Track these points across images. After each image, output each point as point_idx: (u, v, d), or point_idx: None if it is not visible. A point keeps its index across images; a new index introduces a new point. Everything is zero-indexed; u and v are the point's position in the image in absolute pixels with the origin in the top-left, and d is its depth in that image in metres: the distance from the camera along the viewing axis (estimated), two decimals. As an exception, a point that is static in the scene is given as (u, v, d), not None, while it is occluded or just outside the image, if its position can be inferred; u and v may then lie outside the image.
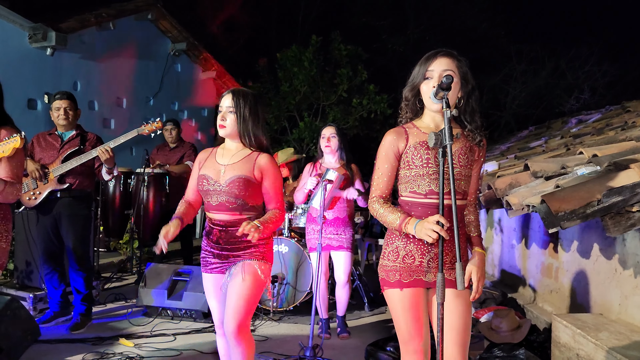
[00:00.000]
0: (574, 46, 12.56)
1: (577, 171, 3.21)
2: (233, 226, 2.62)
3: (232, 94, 2.66)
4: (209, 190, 2.64)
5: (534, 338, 3.88)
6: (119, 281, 6.21)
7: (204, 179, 2.66)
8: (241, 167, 2.64)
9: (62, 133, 4.45)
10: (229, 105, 2.63)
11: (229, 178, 2.62)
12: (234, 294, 2.59)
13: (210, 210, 2.68)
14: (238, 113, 2.62)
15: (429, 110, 2.24)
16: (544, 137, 7.07)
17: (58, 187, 4.28)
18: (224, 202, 2.62)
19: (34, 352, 3.80)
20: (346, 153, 4.39)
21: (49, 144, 4.41)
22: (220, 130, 2.67)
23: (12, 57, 6.92)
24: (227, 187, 2.61)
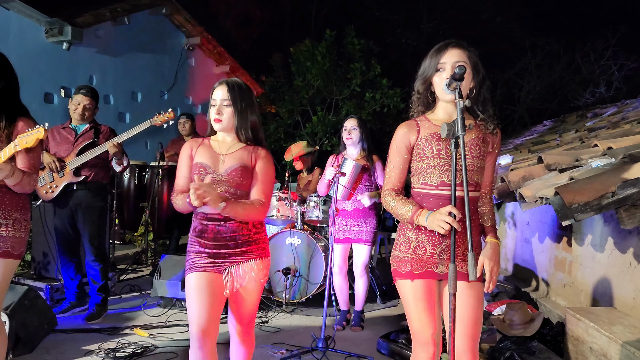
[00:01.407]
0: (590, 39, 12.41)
1: (592, 163, 3.19)
2: (230, 220, 2.44)
3: (226, 85, 2.48)
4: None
5: (546, 331, 3.86)
6: (134, 273, 6.28)
7: (201, 168, 2.45)
8: (241, 155, 2.49)
9: (76, 126, 4.50)
10: (224, 97, 2.45)
11: (229, 167, 2.46)
12: (247, 301, 2.53)
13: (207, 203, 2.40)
14: (235, 106, 2.46)
15: (441, 102, 2.24)
16: (558, 131, 7.02)
17: (74, 180, 4.33)
18: (224, 193, 2.42)
19: (51, 342, 3.86)
20: (368, 144, 4.43)
21: (63, 138, 4.47)
22: (215, 125, 2.49)
23: (29, 51, 7.00)
24: (227, 176, 2.44)
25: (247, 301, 2.54)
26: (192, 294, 2.42)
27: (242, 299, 2.53)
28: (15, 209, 2.59)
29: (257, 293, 2.56)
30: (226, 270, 2.48)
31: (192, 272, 2.45)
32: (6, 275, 2.56)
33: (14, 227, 2.56)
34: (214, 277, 2.45)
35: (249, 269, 2.49)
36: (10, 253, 2.54)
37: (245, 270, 2.49)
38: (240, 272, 2.48)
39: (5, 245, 2.52)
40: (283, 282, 5.01)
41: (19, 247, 2.59)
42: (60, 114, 7.28)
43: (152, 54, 9.18)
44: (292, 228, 5.22)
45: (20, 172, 2.48)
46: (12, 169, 2.43)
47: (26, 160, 2.57)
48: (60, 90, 7.55)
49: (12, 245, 2.54)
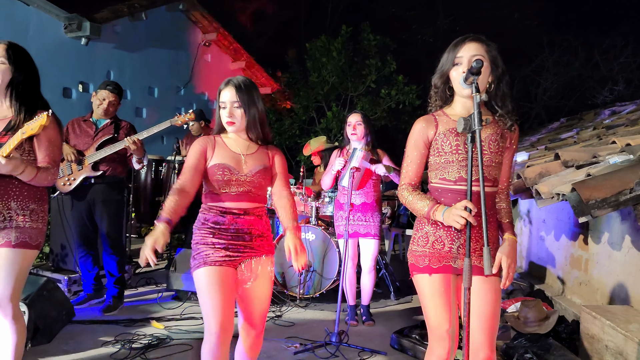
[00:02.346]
0: (608, 36, 12.25)
1: (610, 160, 3.16)
2: (249, 214, 2.50)
3: (234, 87, 2.49)
4: (231, 180, 2.46)
5: (561, 329, 3.85)
6: (149, 266, 6.32)
7: (225, 169, 2.45)
8: (261, 157, 2.56)
9: (97, 120, 4.55)
10: (234, 99, 2.48)
11: (254, 167, 2.51)
12: (259, 300, 2.53)
13: (227, 201, 2.47)
14: (244, 107, 2.49)
15: (459, 97, 2.23)
16: (575, 129, 6.95)
17: (92, 174, 4.38)
18: (246, 192, 2.48)
19: (69, 332, 3.92)
20: (372, 139, 4.41)
21: (83, 131, 4.52)
22: (229, 127, 2.51)
23: (48, 46, 7.09)
24: (252, 177, 2.49)
25: (261, 298, 2.54)
26: (211, 289, 2.36)
27: (255, 296, 2.52)
28: (33, 200, 2.62)
29: (270, 289, 2.57)
30: (241, 265, 2.49)
31: (206, 266, 2.39)
32: (25, 265, 2.60)
33: (31, 218, 2.59)
34: (230, 272, 2.43)
35: (260, 265, 2.52)
36: (27, 243, 2.57)
37: (256, 265, 2.52)
38: (252, 266, 2.51)
39: (22, 236, 2.56)
40: (297, 277, 5.03)
41: (36, 238, 2.61)
42: (78, 108, 7.36)
43: (168, 49, 9.25)
44: (306, 223, 5.24)
45: (34, 168, 2.48)
46: (20, 165, 2.41)
47: (46, 154, 2.59)
48: (79, 85, 7.64)
49: (29, 235, 2.58)
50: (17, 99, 2.60)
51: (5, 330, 2.59)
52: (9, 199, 2.56)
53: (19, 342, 2.62)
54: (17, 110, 2.58)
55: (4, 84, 2.60)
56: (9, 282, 2.53)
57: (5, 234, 2.54)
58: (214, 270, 2.39)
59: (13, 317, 2.57)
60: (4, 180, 2.54)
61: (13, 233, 2.54)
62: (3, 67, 2.58)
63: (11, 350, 2.59)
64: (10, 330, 2.58)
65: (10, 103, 2.61)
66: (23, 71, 2.62)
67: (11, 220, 2.55)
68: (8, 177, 2.52)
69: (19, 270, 2.56)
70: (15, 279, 2.55)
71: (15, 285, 2.56)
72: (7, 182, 2.55)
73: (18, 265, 2.56)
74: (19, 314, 2.62)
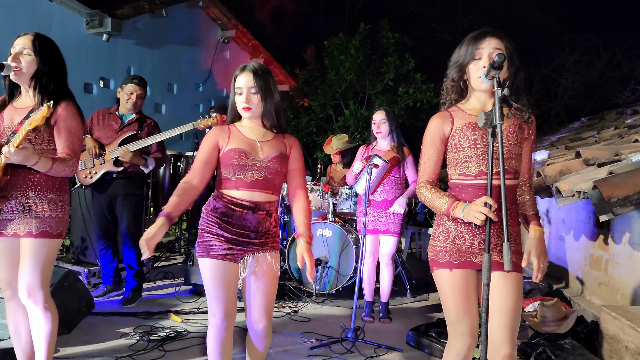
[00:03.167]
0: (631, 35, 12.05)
1: (632, 158, 3.12)
2: (261, 209, 2.47)
3: (251, 72, 2.47)
4: (247, 165, 2.43)
5: (580, 329, 3.80)
6: (167, 260, 6.41)
7: (241, 153, 2.44)
8: (277, 144, 2.53)
9: (123, 115, 4.59)
10: (251, 85, 2.46)
11: (270, 154, 2.48)
12: (262, 294, 2.52)
13: (241, 188, 2.44)
14: (261, 92, 2.47)
15: (475, 91, 2.22)
16: (596, 128, 6.86)
17: (113, 170, 4.43)
18: (261, 179, 2.45)
19: (88, 323, 3.98)
20: (397, 136, 4.43)
21: (108, 124, 4.56)
22: (245, 113, 2.48)
23: (70, 42, 7.17)
24: (268, 163, 2.46)
25: (263, 292, 2.52)
26: (215, 282, 2.44)
27: (258, 290, 2.52)
28: (51, 190, 2.64)
29: (272, 284, 2.53)
30: (242, 259, 2.49)
31: (210, 259, 2.44)
32: (49, 254, 2.64)
33: (50, 207, 2.62)
34: (231, 267, 2.46)
35: (263, 261, 2.51)
36: (49, 233, 2.61)
37: (258, 261, 2.50)
38: (255, 262, 2.50)
39: (43, 226, 2.59)
40: (314, 273, 5.03)
41: (57, 227, 2.64)
42: (99, 103, 7.43)
43: (188, 46, 9.30)
44: (323, 219, 5.25)
45: (49, 159, 2.49)
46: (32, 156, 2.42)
47: (65, 145, 2.61)
48: (100, 80, 7.72)
49: (49, 225, 2.61)
50: (40, 90, 2.64)
51: (38, 319, 2.63)
52: (27, 189, 2.59)
53: (53, 331, 2.66)
54: (39, 101, 2.62)
55: (29, 74, 2.64)
56: (36, 271, 2.58)
57: (27, 224, 2.58)
58: (216, 264, 2.43)
59: (44, 304, 2.62)
60: (23, 171, 2.58)
61: (33, 223, 2.58)
62: (29, 59, 2.62)
63: (45, 338, 2.64)
64: (44, 318, 2.63)
65: (34, 93, 2.65)
66: (48, 63, 2.66)
67: (30, 210, 2.59)
68: (27, 168, 2.55)
69: (44, 260, 2.60)
70: (42, 267, 2.59)
71: (43, 273, 2.60)
72: (25, 172, 2.59)
73: (43, 255, 2.60)
74: (50, 302, 2.66)
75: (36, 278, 2.58)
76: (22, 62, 2.61)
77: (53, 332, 2.66)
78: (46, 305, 2.63)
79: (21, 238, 2.59)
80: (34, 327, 2.65)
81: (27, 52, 2.62)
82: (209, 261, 2.44)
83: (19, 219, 2.58)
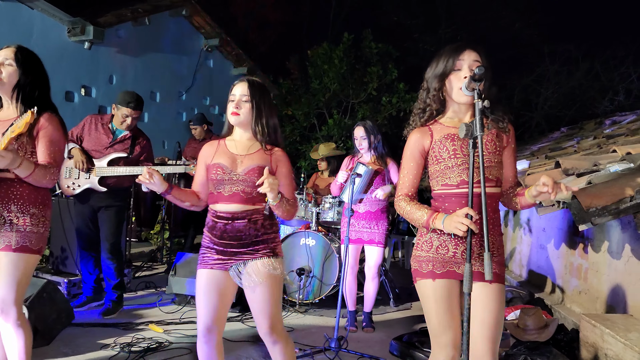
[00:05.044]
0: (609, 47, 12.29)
1: (610, 168, 3.17)
2: (241, 218, 2.50)
3: (247, 82, 2.54)
4: (224, 179, 2.50)
5: (561, 337, 3.84)
6: (149, 270, 6.35)
7: (218, 168, 2.51)
8: (259, 157, 2.54)
9: (117, 129, 4.51)
10: (244, 93, 2.51)
11: (247, 167, 2.50)
12: (256, 300, 2.51)
13: (220, 202, 2.52)
14: (253, 102, 2.51)
15: (454, 103, 2.24)
16: (576, 138, 6.96)
17: (97, 188, 4.37)
18: (239, 192, 2.49)
19: (68, 335, 3.92)
20: (379, 148, 4.43)
21: (99, 137, 4.47)
22: (232, 118, 2.53)
23: (52, 50, 7.11)
24: (245, 176, 2.49)
25: (258, 299, 2.51)
26: (200, 291, 2.53)
27: (253, 297, 2.52)
28: (34, 204, 2.60)
29: (269, 290, 2.51)
30: (232, 267, 2.52)
31: (201, 268, 2.55)
32: (27, 270, 2.58)
33: (31, 222, 2.57)
34: (220, 275, 2.52)
35: (254, 267, 2.50)
36: (28, 248, 2.56)
37: (250, 268, 2.50)
38: (245, 270, 2.50)
39: (23, 240, 2.54)
40: (297, 282, 5.03)
41: (37, 243, 2.59)
42: (80, 112, 7.37)
43: (171, 54, 9.28)
44: (307, 229, 5.24)
45: (32, 164, 2.45)
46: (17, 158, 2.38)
47: (46, 154, 2.57)
48: (81, 89, 7.66)
49: (30, 240, 2.56)
50: (22, 101, 2.61)
51: (11, 335, 2.58)
52: (9, 202, 2.55)
53: (26, 346, 2.61)
54: (21, 112, 2.59)
55: (11, 85, 2.62)
56: (11, 286, 2.53)
57: (6, 238, 2.53)
58: (204, 272, 2.53)
59: (17, 321, 2.57)
60: (5, 183, 2.54)
61: (14, 237, 2.53)
62: (10, 69, 2.60)
63: (18, 355, 2.59)
64: (16, 334, 2.58)
65: (17, 105, 2.63)
66: (31, 74, 2.64)
67: (12, 223, 2.54)
68: (9, 180, 2.53)
69: (20, 275, 2.55)
70: (17, 283, 2.54)
71: (18, 289, 2.55)
72: (8, 184, 2.55)
73: (20, 270, 2.54)
74: (22, 318, 2.61)
75: (10, 294, 2.52)
76: (3, 73, 2.59)
77: (27, 348, 2.60)
78: (18, 322, 2.57)
79: None
80: (6, 343, 2.60)
81: (8, 62, 2.60)
82: (199, 271, 2.55)
83: None
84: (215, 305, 2.51)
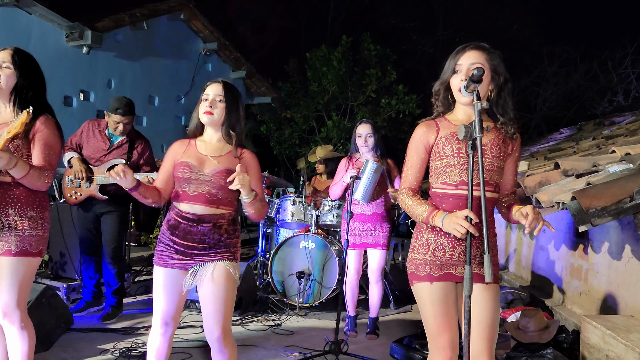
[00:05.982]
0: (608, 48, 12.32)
1: (609, 169, 3.16)
2: (206, 222, 2.50)
3: (222, 83, 2.59)
4: (190, 178, 2.51)
5: (562, 339, 3.83)
6: (149, 274, 6.32)
7: (186, 166, 2.52)
8: (228, 160, 2.55)
9: (113, 135, 4.49)
10: (219, 93, 2.55)
11: (215, 169, 2.51)
12: (213, 301, 2.49)
13: (184, 201, 2.52)
14: (228, 103, 2.55)
15: (460, 104, 2.24)
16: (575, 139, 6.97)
17: (99, 197, 4.36)
18: (204, 193, 2.50)
19: (67, 340, 3.90)
20: (381, 148, 4.38)
21: (96, 144, 4.45)
22: (205, 117, 2.55)
23: (50, 55, 7.12)
24: (212, 177, 2.50)
25: (215, 299, 2.49)
26: (159, 288, 2.55)
27: (208, 298, 2.51)
28: (31, 207, 2.59)
29: (226, 294, 2.50)
30: (192, 268, 2.53)
31: (159, 266, 2.55)
32: (28, 273, 2.58)
33: (30, 225, 2.57)
34: (179, 274, 2.54)
35: (213, 268, 2.50)
36: (28, 251, 2.56)
37: (209, 268, 2.51)
38: (203, 272, 2.51)
39: (22, 244, 2.54)
40: (297, 286, 5.01)
41: (37, 246, 2.59)
42: (79, 116, 7.38)
43: (169, 58, 9.29)
44: (306, 232, 5.23)
45: (27, 165, 2.45)
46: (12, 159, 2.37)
47: (42, 157, 2.56)
48: (80, 93, 7.66)
49: (29, 243, 2.56)
50: (20, 104, 2.60)
51: (15, 338, 2.58)
52: (6, 206, 2.54)
53: (30, 350, 2.61)
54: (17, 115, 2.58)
55: (9, 88, 2.60)
56: (13, 291, 2.53)
57: (5, 242, 2.52)
58: (162, 272, 2.55)
59: (21, 324, 2.57)
60: (2, 187, 2.54)
61: (13, 241, 2.53)
62: (8, 72, 2.59)
63: (21, 358, 2.58)
64: (20, 338, 2.58)
65: (13, 108, 2.62)
66: (28, 77, 2.63)
67: (10, 227, 2.54)
68: (6, 184, 2.52)
69: (22, 279, 2.55)
70: (19, 287, 2.54)
71: (20, 293, 2.55)
72: (5, 188, 2.54)
73: (21, 274, 2.55)
74: (27, 322, 2.61)
75: (13, 298, 2.53)
76: (1, 76, 2.58)
77: (30, 351, 2.61)
78: (22, 324, 2.58)
79: None
80: (10, 346, 2.60)
81: (6, 65, 2.59)
82: (157, 268, 2.56)
83: None
84: (175, 303, 2.55)
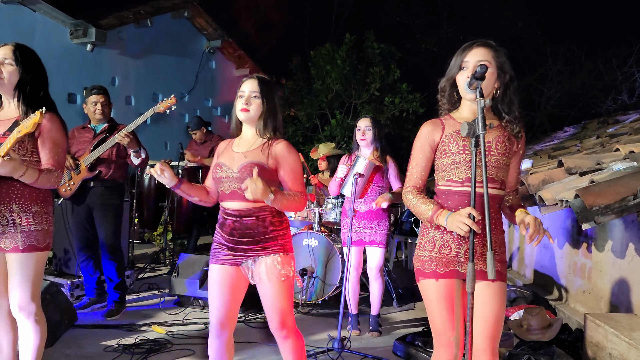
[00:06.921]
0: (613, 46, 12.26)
1: (613, 167, 3.16)
2: (248, 216, 2.50)
3: (257, 79, 2.56)
4: (222, 177, 2.53)
5: (565, 337, 3.83)
6: (152, 271, 6.35)
7: (217, 167, 2.57)
8: (256, 153, 2.52)
9: (95, 126, 4.59)
10: (254, 89, 2.52)
11: (242, 164, 2.49)
12: (269, 296, 2.51)
13: (224, 200, 2.55)
14: (263, 99, 2.52)
15: (465, 101, 2.24)
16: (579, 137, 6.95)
17: (89, 175, 4.40)
18: (237, 190, 2.49)
19: (71, 336, 3.92)
20: (381, 144, 4.35)
21: (83, 138, 4.56)
22: (241, 114, 2.52)
23: (54, 52, 7.14)
24: (238, 173, 2.48)
25: (267, 295, 2.52)
26: (212, 286, 2.56)
27: (262, 294, 2.54)
28: (35, 202, 2.60)
29: (278, 287, 2.50)
30: (243, 264, 2.54)
31: (213, 264, 2.59)
32: (38, 267, 2.61)
33: (35, 220, 2.58)
34: (232, 270, 2.55)
35: (263, 264, 2.50)
36: (36, 246, 2.58)
37: (259, 265, 2.51)
38: (255, 266, 2.52)
39: (29, 240, 2.56)
40: (299, 279, 5.02)
41: (44, 240, 2.61)
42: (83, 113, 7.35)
43: (173, 56, 9.30)
44: (309, 229, 5.24)
45: (35, 171, 2.47)
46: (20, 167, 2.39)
47: (50, 156, 2.58)
48: (83, 90, 7.67)
49: (36, 238, 2.57)
50: (24, 100, 2.61)
51: (28, 332, 2.60)
52: (10, 202, 2.56)
53: (41, 344, 2.63)
54: (23, 112, 2.59)
55: (12, 85, 2.62)
56: (26, 286, 2.56)
57: (12, 239, 2.54)
58: (217, 268, 2.57)
59: (36, 317, 2.60)
60: (6, 183, 2.54)
61: (20, 237, 2.54)
62: (10, 69, 2.60)
63: (32, 352, 2.61)
64: (33, 331, 2.60)
65: (18, 104, 2.63)
66: (30, 72, 2.64)
67: (14, 223, 2.55)
68: (10, 180, 2.52)
69: (33, 274, 2.58)
70: (31, 282, 2.57)
71: (33, 287, 2.58)
72: (8, 184, 2.55)
73: (31, 269, 2.57)
74: (41, 315, 2.63)
75: (26, 292, 2.55)
76: (3, 73, 2.59)
77: (41, 345, 2.64)
78: (37, 318, 2.60)
79: (7, 253, 2.56)
80: (22, 340, 2.62)
81: (8, 61, 2.60)
82: (211, 266, 2.59)
83: (3, 233, 2.54)
84: (228, 300, 2.54)
